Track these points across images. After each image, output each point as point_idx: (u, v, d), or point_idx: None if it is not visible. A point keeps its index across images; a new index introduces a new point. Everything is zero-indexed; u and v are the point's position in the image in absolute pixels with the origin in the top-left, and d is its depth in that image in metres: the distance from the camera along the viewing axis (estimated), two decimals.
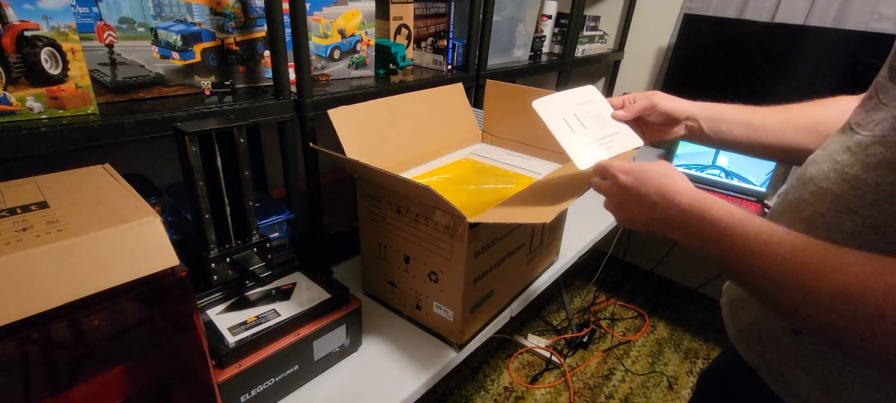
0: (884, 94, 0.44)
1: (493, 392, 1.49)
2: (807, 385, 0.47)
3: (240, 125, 0.63)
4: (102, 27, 0.65)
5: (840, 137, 0.47)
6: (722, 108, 0.63)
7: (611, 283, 2.03)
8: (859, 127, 0.45)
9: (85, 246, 0.39)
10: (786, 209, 0.50)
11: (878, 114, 0.43)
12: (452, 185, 0.84)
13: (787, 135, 0.60)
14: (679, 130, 0.64)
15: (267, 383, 0.63)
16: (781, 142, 0.60)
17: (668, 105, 0.63)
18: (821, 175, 0.46)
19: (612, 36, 1.91)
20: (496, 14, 1.17)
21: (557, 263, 1.06)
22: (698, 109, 0.63)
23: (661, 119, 0.64)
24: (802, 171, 0.50)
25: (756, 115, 0.62)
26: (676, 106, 0.63)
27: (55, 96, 0.58)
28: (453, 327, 0.77)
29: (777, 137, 0.60)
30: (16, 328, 0.36)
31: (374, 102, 0.81)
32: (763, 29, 1.52)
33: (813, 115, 0.59)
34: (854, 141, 0.44)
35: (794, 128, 0.60)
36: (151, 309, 0.45)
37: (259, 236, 0.70)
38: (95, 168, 0.53)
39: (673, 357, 1.68)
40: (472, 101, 1.17)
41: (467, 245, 0.67)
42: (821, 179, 0.46)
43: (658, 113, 0.64)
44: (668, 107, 0.63)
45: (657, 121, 0.64)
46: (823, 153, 0.48)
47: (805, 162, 0.51)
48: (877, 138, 0.42)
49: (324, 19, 0.89)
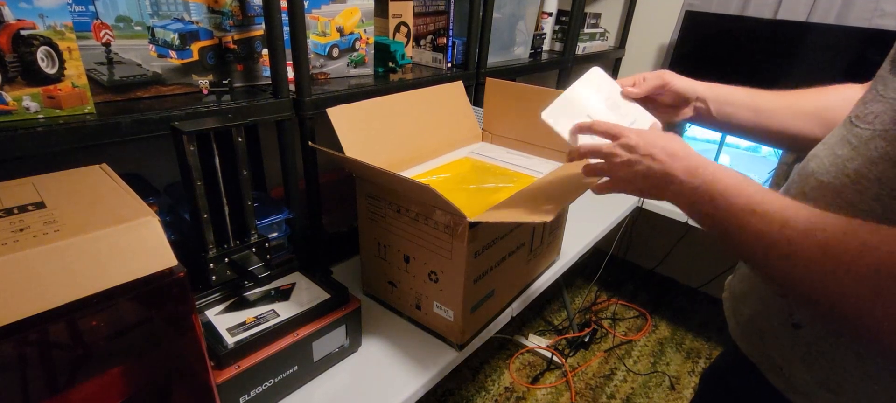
0: (883, 87, 0.44)
1: (494, 393, 1.48)
2: (807, 380, 0.46)
3: (238, 124, 0.63)
4: (99, 26, 0.64)
5: (840, 131, 0.46)
6: (730, 91, 0.62)
7: (612, 283, 2.03)
8: (859, 120, 0.44)
9: (82, 247, 0.39)
10: None
11: (877, 106, 0.43)
12: (452, 184, 0.83)
13: (792, 122, 0.59)
14: (688, 111, 0.63)
15: (266, 384, 0.63)
16: (786, 128, 0.59)
17: (680, 84, 0.62)
18: (821, 169, 0.46)
19: (613, 33, 1.90)
20: (496, 11, 1.16)
21: (558, 262, 1.06)
22: (708, 90, 0.62)
23: (671, 99, 0.63)
24: (804, 166, 0.50)
25: (763, 100, 0.61)
26: (687, 85, 0.62)
27: (52, 95, 0.57)
28: (454, 327, 0.76)
29: (782, 123, 0.60)
30: (14, 329, 0.36)
31: (373, 101, 0.81)
32: (765, 25, 1.51)
33: (819, 102, 0.58)
34: (854, 134, 0.44)
35: (799, 114, 0.59)
36: (150, 310, 0.45)
37: (258, 236, 0.70)
38: (93, 168, 0.53)
39: (675, 357, 1.68)
40: (472, 100, 1.17)
41: (467, 244, 0.67)
42: (821, 174, 0.45)
43: (669, 92, 0.62)
44: (680, 86, 0.62)
45: (668, 101, 0.63)
46: (824, 147, 0.48)
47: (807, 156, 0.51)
48: (877, 132, 0.41)
49: (322, 17, 0.88)
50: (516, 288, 0.92)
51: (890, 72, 0.44)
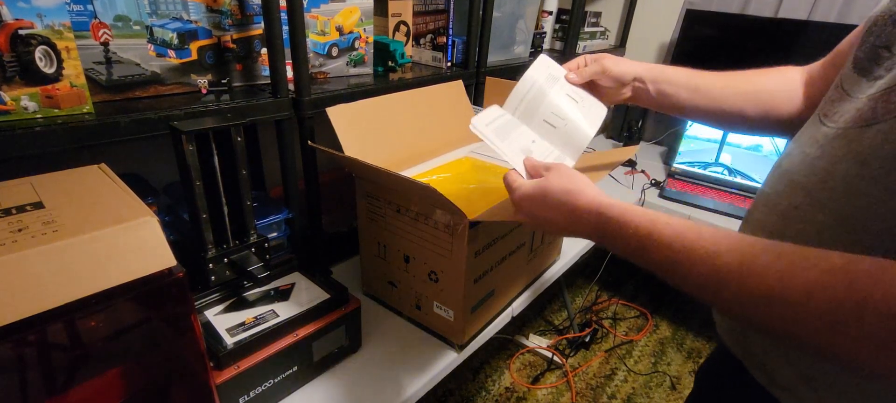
0: (848, 85, 0.44)
1: (495, 393, 1.48)
2: (788, 374, 0.47)
3: (237, 124, 0.62)
4: (98, 25, 0.64)
5: (809, 128, 0.47)
6: (669, 70, 0.63)
7: (613, 282, 2.03)
8: (826, 118, 0.44)
9: (81, 247, 0.39)
10: (763, 204, 0.50)
11: (844, 105, 0.43)
12: (452, 184, 0.83)
13: (728, 100, 0.60)
14: (627, 92, 0.65)
15: (266, 384, 0.63)
16: (721, 106, 0.61)
17: (617, 69, 0.63)
18: (793, 168, 0.46)
19: (613, 32, 1.90)
20: (496, 10, 1.16)
21: (559, 262, 1.05)
22: (645, 71, 0.63)
23: (610, 82, 0.64)
24: (778, 164, 0.50)
25: (701, 79, 0.62)
26: (624, 68, 0.63)
27: (50, 95, 0.57)
28: (454, 327, 0.76)
29: (717, 102, 0.61)
30: (12, 329, 0.36)
31: (373, 100, 0.80)
32: (766, 24, 1.51)
33: (758, 84, 0.60)
34: (822, 133, 0.44)
35: (735, 93, 0.60)
36: (149, 311, 0.45)
37: (257, 236, 0.70)
38: (91, 168, 0.52)
39: (676, 357, 1.67)
40: (472, 99, 1.16)
41: (467, 244, 0.67)
42: (793, 172, 0.46)
43: (607, 77, 0.64)
44: (617, 71, 0.63)
45: (607, 85, 0.65)
46: (795, 145, 0.48)
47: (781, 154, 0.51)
48: (841, 130, 0.41)
49: (321, 16, 0.88)
50: (517, 287, 0.92)
51: (852, 69, 0.44)
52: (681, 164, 1.56)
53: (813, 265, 0.33)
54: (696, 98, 0.62)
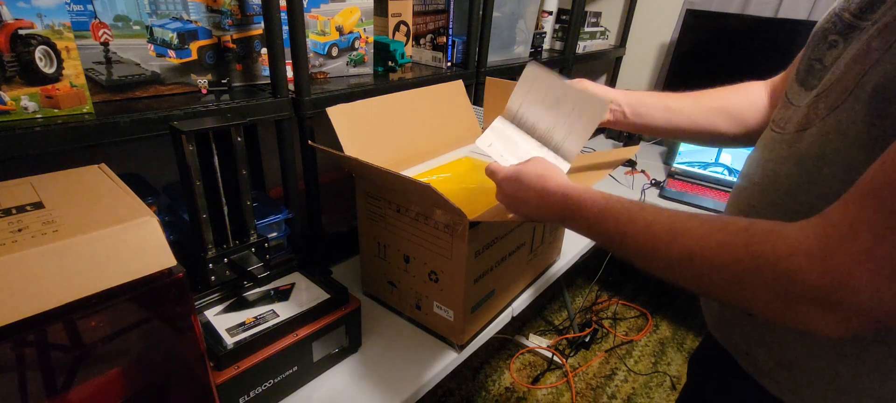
0: (791, 94, 0.49)
1: (495, 393, 1.48)
2: (768, 361, 0.50)
3: (237, 124, 0.62)
4: (97, 25, 0.64)
5: (766, 134, 0.52)
6: (643, 95, 0.68)
7: (613, 282, 2.03)
8: (775, 124, 0.50)
9: (81, 247, 0.39)
10: (732, 201, 0.55)
11: (788, 112, 0.48)
12: (452, 184, 0.83)
13: (700, 118, 0.65)
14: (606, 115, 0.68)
15: (266, 384, 0.63)
16: (696, 124, 0.65)
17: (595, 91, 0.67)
18: (751, 170, 0.51)
19: (613, 32, 1.90)
20: (496, 10, 1.16)
21: (559, 262, 1.05)
22: (622, 96, 0.67)
23: None
24: (743, 168, 0.55)
25: (672, 100, 0.67)
26: (601, 92, 0.67)
27: (50, 95, 0.57)
28: (454, 327, 0.76)
29: (691, 120, 0.65)
30: (11, 330, 0.36)
31: (373, 100, 0.80)
32: (767, 24, 1.50)
33: (723, 100, 0.64)
34: (771, 137, 0.49)
35: (706, 110, 0.64)
36: (149, 311, 0.45)
37: (257, 236, 0.70)
38: (91, 168, 0.52)
39: (676, 357, 1.67)
40: (472, 99, 1.16)
41: (468, 244, 0.67)
42: (752, 174, 0.51)
43: None
44: None
45: None
46: (754, 150, 0.53)
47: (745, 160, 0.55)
48: (786, 136, 0.46)
49: (321, 16, 0.88)
50: (517, 288, 0.91)
51: (795, 81, 0.49)
52: (681, 164, 1.56)
53: (723, 227, 0.37)
54: (670, 117, 0.66)
